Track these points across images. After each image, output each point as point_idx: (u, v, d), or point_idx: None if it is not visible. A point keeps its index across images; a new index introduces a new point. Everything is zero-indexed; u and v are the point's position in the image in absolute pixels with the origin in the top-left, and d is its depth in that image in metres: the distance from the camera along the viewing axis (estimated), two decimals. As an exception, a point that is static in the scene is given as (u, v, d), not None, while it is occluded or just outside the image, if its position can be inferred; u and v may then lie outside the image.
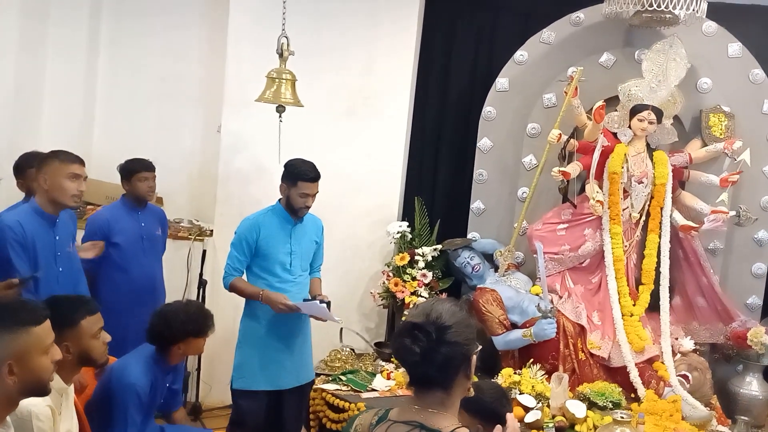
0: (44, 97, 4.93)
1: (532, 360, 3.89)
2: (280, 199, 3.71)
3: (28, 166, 3.74)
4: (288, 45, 3.48)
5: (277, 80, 3.51)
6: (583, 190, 4.22)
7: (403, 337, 1.70)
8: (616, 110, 4.20)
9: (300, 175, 3.59)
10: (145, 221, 4.22)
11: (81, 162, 3.35)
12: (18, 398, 1.94)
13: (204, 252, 4.77)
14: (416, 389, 1.74)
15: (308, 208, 3.67)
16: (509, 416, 1.82)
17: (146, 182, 4.15)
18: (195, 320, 3.14)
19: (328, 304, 3.69)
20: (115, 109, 5.27)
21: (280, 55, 3.47)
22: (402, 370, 3.71)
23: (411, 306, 4.23)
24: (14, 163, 3.93)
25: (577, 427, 3.47)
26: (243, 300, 3.74)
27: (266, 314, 3.64)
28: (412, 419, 1.69)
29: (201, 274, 4.68)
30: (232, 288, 3.67)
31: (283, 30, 3.47)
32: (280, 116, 3.54)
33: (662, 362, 3.90)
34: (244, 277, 3.72)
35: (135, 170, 4.13)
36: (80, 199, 3.38)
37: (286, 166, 3.66)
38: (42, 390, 1.97)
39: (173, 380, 3.35)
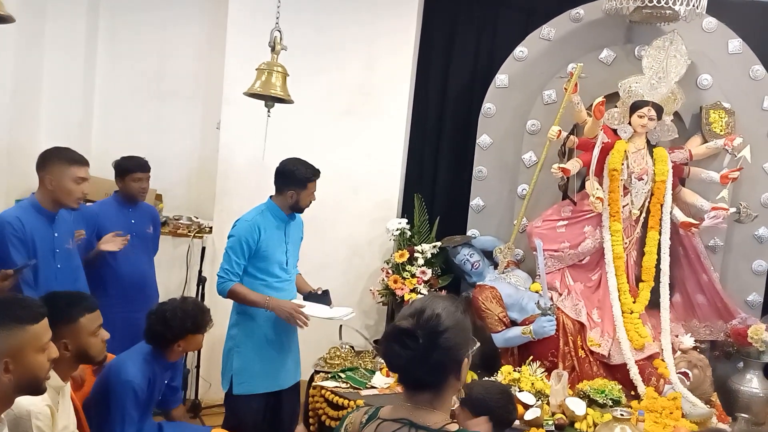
0: (42, 94, 4.91)
1: (531, 357, 3.89)
2: (272, 198, 3.66)
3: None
4: (281, 39, 3.43)
5: (266, 72, 3.44)
6: (583, 187, 4.22)
7: (391, 342, 1.65)
8: (616, 107, 4.19)
9: (309, 178, 3.57)
10: (136, 218, 4.18)
11: (87, 164, 3.35)
12: (13, 396, 1.94)
13: (203, 249, 4.77)
14: (406, 388, 1.71)
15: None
16: None
17: (139, 183, 4.11)
18: (193, 317, 3.13)
19: (326, 292, 3.69)
20: (113, 106, 5.26)
21: (272, 48, 3.43)
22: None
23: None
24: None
25: (576, 425, 3.47)
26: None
27: (262, 317, 3.59)
28: (401, 417, 1.67)
29: (200, 271, 4.68)
30: (231, 294, 3.53)
31: (277, 23, 3.43)
32: (268, 111, 3.50)
33: (662, 359, 3.88)
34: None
35: (129, 170, 4.09)
36: (83, 200, 3.38)
37: (286, 172, 3.58)
38: (37, 388, 1.97)
39: (172, 377, 3.34)
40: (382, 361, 4.05)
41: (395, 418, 1.68)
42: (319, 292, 3.72)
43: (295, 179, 3.57)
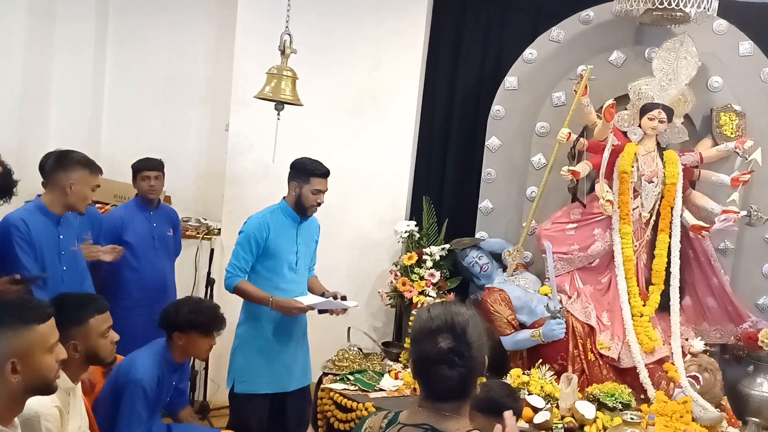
0: (52, 96, 4.93)
1: (540, 360, 3.88)
2: (284, 198, 3.68)
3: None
4: (291, 42, 3.45)
5: (277, 76, 3.47)
6: (592, 189, 4.20)
7: (438, 365, 1.62)
8: (626, 109, 4.17)
9: (312, 171, 3.57)
10: (157, 221, 4.25)
11: (102, 171, 3.38)
12: (23, 397, 1.94)
13: (212, 251, 4.78)
14: (431, 398, 1.69)
15: (319, 205, 3.63)
16: (507, 414, 1.73)
17: (147, 181, 4.16)
18: (202, 313, 3.14)
19: (344, 298, 3.68)
20: (122, 108, 5.28)
21: (282, 52, 3.45)
22: (409, 370, 3.69)
23: (418, 305, 4.21)
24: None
25: (586, 428, 3.45)
26: (250, 299, 3.71)
27: (269, 317, 3.60)
28: (422, 422, 1.66)
29: (209, 273, 4.68)
30: (236, 290, 3.56)
31: (287, 27, 3.44)
32: (278, 114, 3.51)
33: (672, 363, 3.87)
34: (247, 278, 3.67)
35: (139, 169, 4.18)
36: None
37: (294, 165, 3.63)
38: (47, 389, 1.97)
39: (179, 379, 3.35)
40: (391, 363, 4.06)
41: (416, 423, 1.67)
42: (338, 297, 3.71)
43: (299, 171, 3.60)
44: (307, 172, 3.57)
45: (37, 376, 1.91)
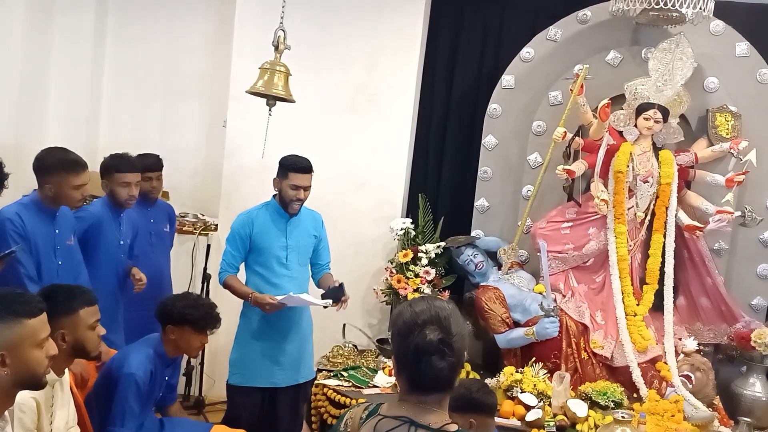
0: (50, 90, 4.92)
1: (534, 358, 3.89)
2: (274, 195, 3.71)
3: (114, 170, 3.70)
4: (284, 38, 3.45)
5: (269, 71, 3.46)
6: (588, 188, 4.22)
7: (430, 356, 1.64)
8: (622, 109, 4.18)
9: (291, 166, 3.59)
10: (155, 217, 4.26)
11: (85, 167, 3.35)
12: (13, 391, 1.95)
13: (208, 246, 4.79)
14: (416, 391, 1.70)
15: (300, 201, 3.64)
16: None
17: (149, 182, 4.18)
18: (197, 309, 3.15)
19: (341, 285, 3.68)
20: (121, 103, 5.27)
21: (276, 47, 3.45)
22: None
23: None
24: (101, 164, 3.80)
25: (578, 426, 3.47)
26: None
27: (256, 311, 3.63)
28: (402, 414, 1.68)
29: (205, 269, 4.69)
30: (225, 285, 3.66)
31: (281, 23, 3.44)
32: (269, 110, 3.51)
33: (665, 362, 3.89)
34: (242, 272, 3.69)
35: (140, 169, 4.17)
36: (84, 200, 3.43)
37: (279, 161, 3.67)
38: (36, 383, 1.98)
39: (171, 374, 3.36)
40: (385, 360, 4.07)
41: (396, 416, 1.69)
42: (337, 285, 3.73)
43: (281, 166, 3.64)
44: (286, 167, 3.60)
45: (26, 370, 1.92)
